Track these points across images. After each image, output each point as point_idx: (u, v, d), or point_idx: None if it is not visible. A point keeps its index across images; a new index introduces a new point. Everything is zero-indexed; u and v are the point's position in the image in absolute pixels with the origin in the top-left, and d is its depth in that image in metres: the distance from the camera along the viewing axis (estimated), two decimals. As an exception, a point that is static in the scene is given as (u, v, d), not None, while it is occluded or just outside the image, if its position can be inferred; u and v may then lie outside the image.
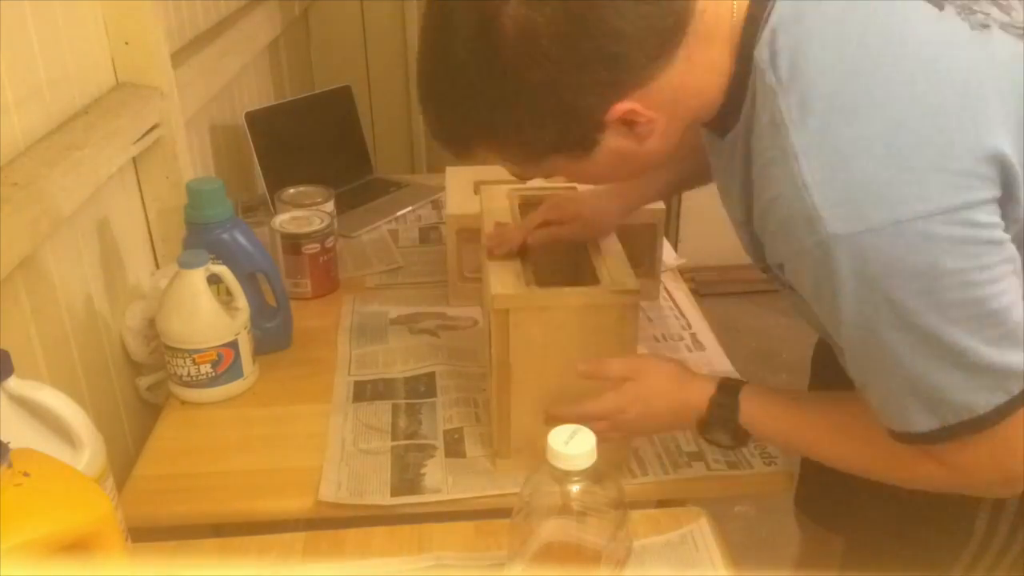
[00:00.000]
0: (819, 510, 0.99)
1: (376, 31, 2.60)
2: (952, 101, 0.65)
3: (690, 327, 1.29)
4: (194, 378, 1.10)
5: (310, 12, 2.52)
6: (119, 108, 1.11)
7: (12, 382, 0.73)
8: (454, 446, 1.03)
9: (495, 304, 0.92)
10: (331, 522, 0.93)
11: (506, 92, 0.71)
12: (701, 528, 0.89)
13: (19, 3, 0.93)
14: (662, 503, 1.01)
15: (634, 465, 1.00)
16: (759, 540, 1.88)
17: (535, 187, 1.08)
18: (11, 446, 0.63)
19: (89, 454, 0.75)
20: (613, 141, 0.75)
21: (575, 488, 0.71)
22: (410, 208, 1.70)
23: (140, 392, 1.16)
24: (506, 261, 0.99)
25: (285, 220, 1.37)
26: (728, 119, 0.76)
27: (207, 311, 1.08)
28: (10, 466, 0.62)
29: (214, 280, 1.10)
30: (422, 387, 1.15)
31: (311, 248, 1.34)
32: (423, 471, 0.99)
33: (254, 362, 1.16)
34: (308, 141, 1.77)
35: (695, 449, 1.02)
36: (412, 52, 2.92)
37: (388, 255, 1.52)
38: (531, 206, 1.12)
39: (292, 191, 1.47)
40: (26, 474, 0.62)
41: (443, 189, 1.42)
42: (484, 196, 1.17)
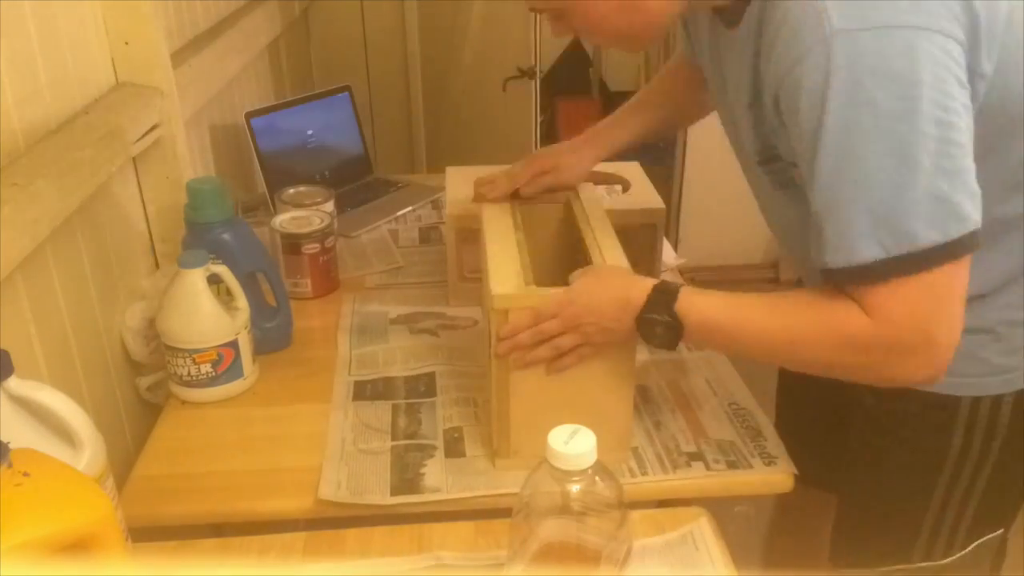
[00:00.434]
0: (810, 470, 1.01)
1: (376, 31, 2.61)
2: None
3: (690, 327, 1.29)
4: (194, 378, 1.10)
5: (310, 12, 2.52)
6: (119, 108, 1.11)
7: (12, 382, 0.73)
8: (454, 445, 1.03)
9: (495, 304, 0.92)
10: (331, 522, 0.93)
11: None
12: (701, 528, 0.89)
13: (19, 3, 0.93)
14: (662, 503, 1.01)
15: (634, 465, 1.00)
16: (759, 540, 1.88)
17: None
18: (11, 446, 0.63)
19: (89, 454, 0.75)
20: None
21: (575, 488, 0.71)
22: (410, 208, 1.70)
23: (140, 392, 1.16)
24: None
25: (285, 220, 1.37)
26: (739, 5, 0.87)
27: (207, 311, 1.08)
28: (10, 466, 0.62)
29: (214, 280, 1.10)
30: (422, 386, 1.15)
31: (311, 248, 1.34)
32: (423, 471, 0.99)
33: (254, 362, 1.16)
34: (308, 141, 1.77)
35: (695, 449, 1.02)
36: (412, 52, 2.94)
37: (388, 255, 1.52)
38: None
39: (292, 191, 1.47)
40: (26, 474, 0.62)
41: (443, 189, 1.42)
42: (477, 185, 1.19)
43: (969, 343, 0.84)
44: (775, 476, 1.00)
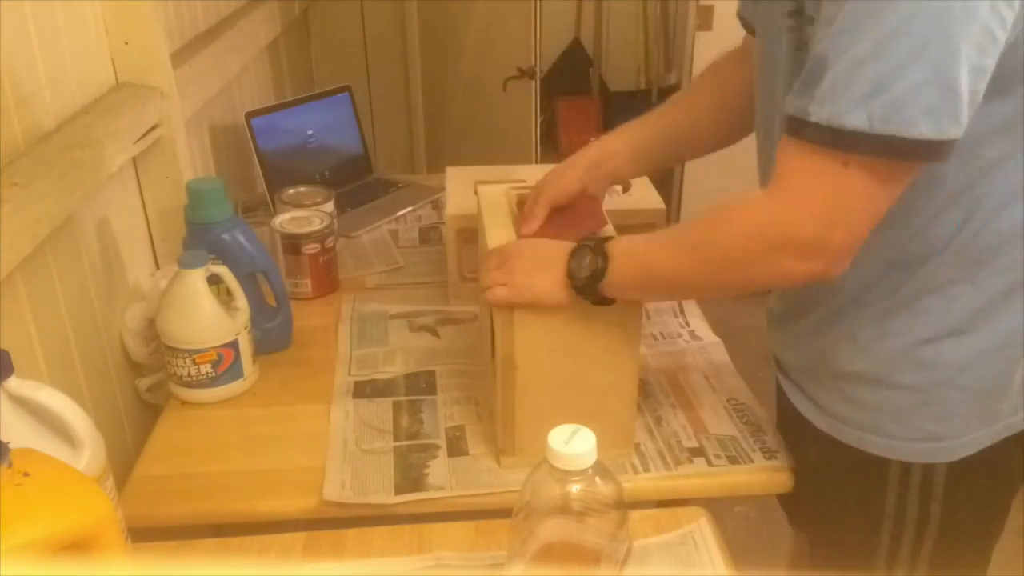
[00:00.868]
0: (788, 508, 1.01)
1: (376, 31, 2.61)
2: None
3: (688, 325, 1.30)
4: (194, 378, 1.10)
5: (310, 12, 2.52)
6: (119, 108, 1.11)
7: (12, 382, 0.73)
8: (456, 444, 1.03)
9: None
10: (331, 522, 0.93)
11: None
12: (701, 528, 0.89)
13: (19, 3, 0.93)
14: (662, 503, 1.01)
15: (636, 461, 1.00)
16: (759, 540, 1.89)
17: (531, 187, 1.10)
18: (11, 446, 0.63)
19: (89, 454, 0.75)
20: None
21: (575, 488, 0.71)
22: (410, 208, 1.70)
23: (140, 392, 1.16)
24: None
25: (285, 220, 1.37)
26: None
27: (207, 311, 1.08)
28: (10, 466, 0.62)
29: (214, 280, 1.10)
30: (422, 383, 1.15)
31: (311, 248, 1.34)
32: (426, 470, 0.99)
33: (254, 362, 1.16)
34: (308, 141, 1.77)
35: (696, 444, 1.03)
36: (412, 52, 2.93)
37: (388, 255, 1.52)
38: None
39: (292, 191, 1.47)
40: (26, 474, 0.62)
41: (443, 189, 1.42)
42: (481, 196, 1.17)
43: (896, 400, 0.83)
44: (776, 473, 1.00)
